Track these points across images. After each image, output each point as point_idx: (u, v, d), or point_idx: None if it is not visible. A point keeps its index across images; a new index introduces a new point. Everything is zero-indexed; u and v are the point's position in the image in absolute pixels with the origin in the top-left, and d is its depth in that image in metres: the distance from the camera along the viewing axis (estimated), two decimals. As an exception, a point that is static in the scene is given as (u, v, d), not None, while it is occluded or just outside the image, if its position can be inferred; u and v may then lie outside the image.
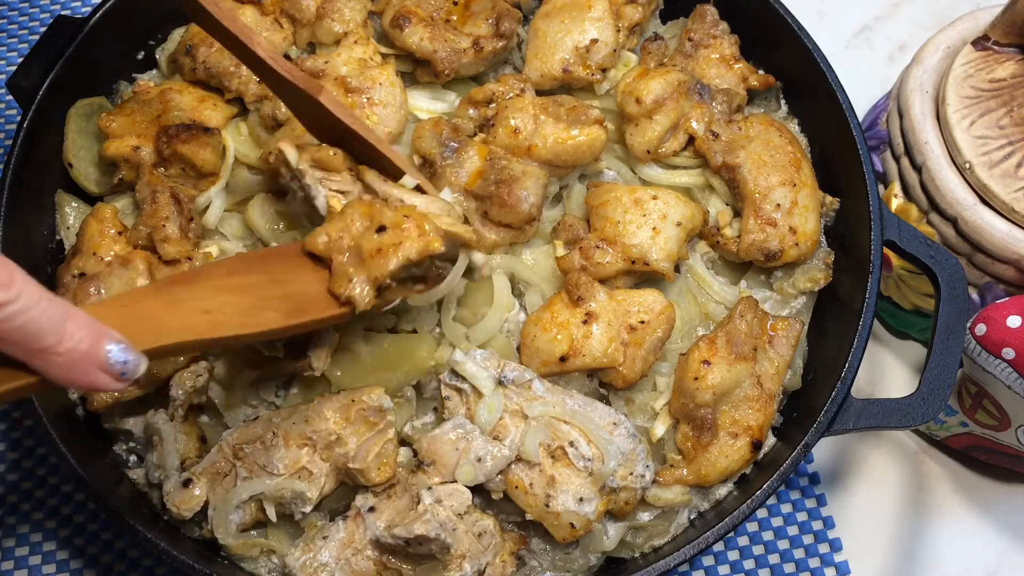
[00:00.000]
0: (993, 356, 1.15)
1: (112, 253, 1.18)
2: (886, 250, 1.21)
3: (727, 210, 1.27)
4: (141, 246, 1.19)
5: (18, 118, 1.31)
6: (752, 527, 1.36)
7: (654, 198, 1.19)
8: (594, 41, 1.29)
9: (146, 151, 1.22)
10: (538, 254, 1.22)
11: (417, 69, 1.31)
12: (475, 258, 1.09)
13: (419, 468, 1.09)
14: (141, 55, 1.39)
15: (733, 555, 1.34)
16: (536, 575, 1.13)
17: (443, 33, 1.28)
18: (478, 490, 1.09)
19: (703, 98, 1.28)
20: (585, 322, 1.12)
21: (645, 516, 1.15)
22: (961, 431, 1.34)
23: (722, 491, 1.17)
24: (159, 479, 1.11)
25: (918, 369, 1.48)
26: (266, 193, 1.25)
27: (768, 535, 1.35)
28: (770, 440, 1.19)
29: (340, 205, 1.04)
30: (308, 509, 1.08)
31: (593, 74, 1.29)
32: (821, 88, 1.28)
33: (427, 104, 1.31)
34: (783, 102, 1.39)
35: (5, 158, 1.25)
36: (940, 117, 1.32)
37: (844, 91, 1.27)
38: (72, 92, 1.29)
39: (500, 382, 1.10)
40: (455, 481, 1.07)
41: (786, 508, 1.37)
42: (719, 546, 1.34)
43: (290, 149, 1.09)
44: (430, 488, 1.06)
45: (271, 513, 1.09)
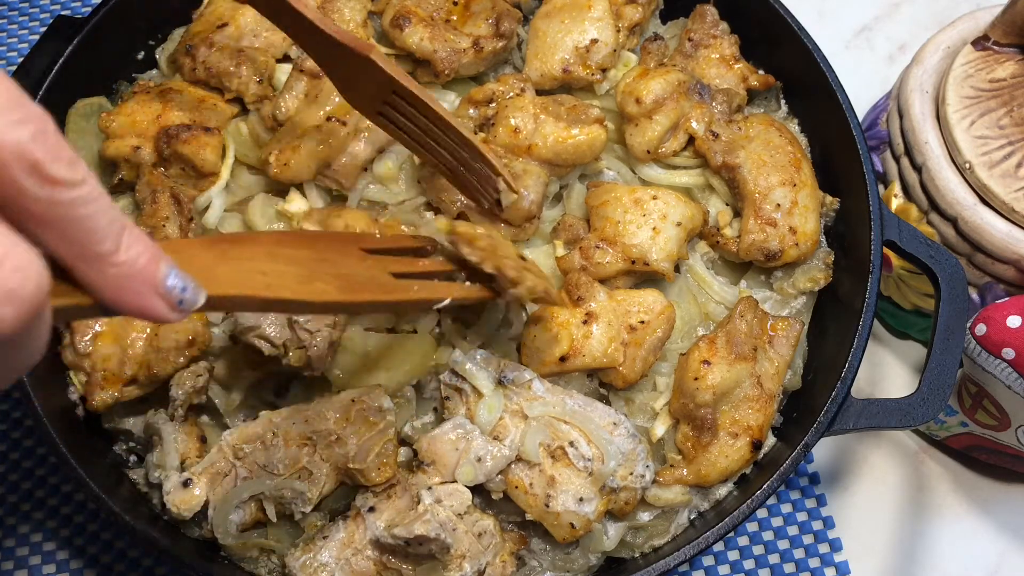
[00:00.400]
0: (993, 356, 1.14)
1: (112, 253, 1.18)
2: (886, 250, 1.21)
3: (727, 210, 1.27)
4: (141, 246, 1.19)
5: (18, 118, 1.31)
6: (752, 527, 1.36)
7: (654, 198, 1.19)
8: (594, 41, 1.29)
9: (146, 151, 1.22)
10: (538, 254, 1.22)
11: (417, 69, 1.31)
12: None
13: (419, 468, 1.09)
14: (141, 55, 1.39)
15: (733, 555, 1.34)
16: (536, 575, 1.13)
17: (443, 33, 1.28)
18: (478, 490, 1.09)
19: (703, 98, 1.28)
20: (585, 322, 1.12)
21: (645, 516, 1.15)
22: (961, 431, 1.34)
23: (722, 491, 1.17)
24: (159, 479, 1.11)
25: (918, 369, 1.48)
26: (266, 193, 1.25)
27: (768, 535, 1.35)
28: (770, 440, 1.19)
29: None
30: (308, 509, 1.08)
31: (593, 74, 1.29)
32: (821, 88, 1.28)
33: (427, 104, 1.31)
34: (783, 102, 1.39)
35: (5, 158, 1.25)
36: (940, 117, 1.32)
37: (844, 91, 1.27)
38: (72, 92, 1.29)
39: (500, 382, 1.10)
40: (455, 481, 1.07)
41: (786, 508, 1.37)
42: (719, 546, 1.34)
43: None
44: (430, 488, 1.06)
45: (271, 513, 1.09)
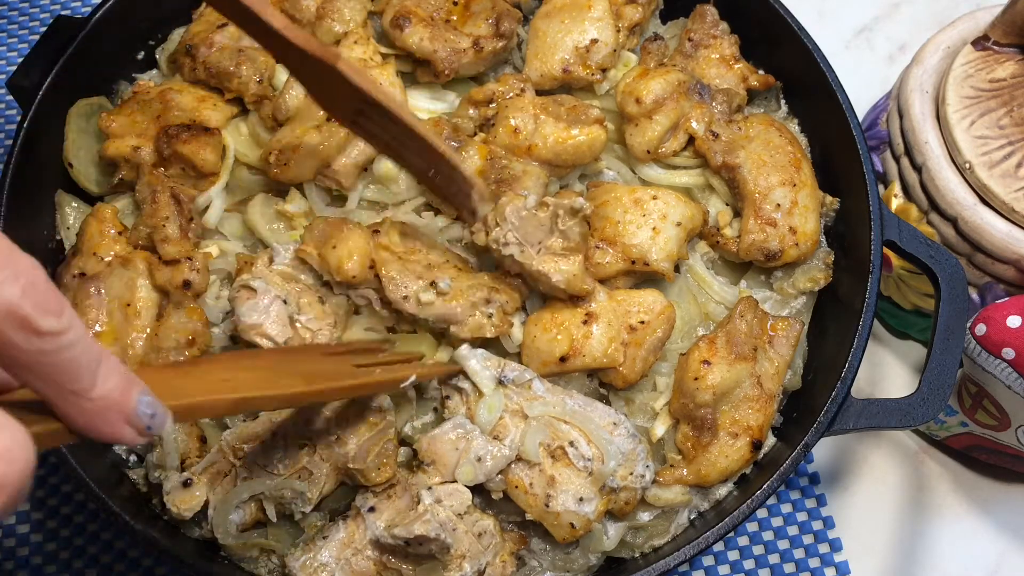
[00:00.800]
0: (993, 356, 1.14)
1: (112, 253, 1.18)
2: (886, 250, 1.21)
3: (727, 210, 1.27)
4: (141, 246, 1.19)
5: (18, 118, 1.31)
6: (752, 527, 1.36)
7: (654, 198, 1.19)
8: (594, 41, 1.29)
9: (146, 151, 1.22)
10: (538, 254, 1.22)
11: (417, 69, 1.31)
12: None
13: (419, 468, 1.09)
14: (141, 55, 1.39)
15: (733, 555, 1.34)
16: (536, 575, 1.13)
17: (443, 33, 1.28)
18: (478, 490, 1.09)
19: (703, 98, 1.28)
20: (585, 322, 1.12)
21: (645, 516, 1.15)
22: (961, 431, 1.34)
23: (722, 491, 1.17)
24: (159, 479, 1.11)
25: (918, 369, 1.48)
26: (266, 193, 1.25)
27: (768, 535, 1.35)
28: (770, 440, 1.19)
29: None
30: (308, 509, 1.08)
31: (593, 74, 1.29)
32: (821, 88, 1.28)
33: (427, 104, 1.31)
34: (783, 102, 1.39)
35: (5, 158, 1.25)
36: (940, 117, 1.32)
37: (844, 91, 1.27)
38: (72, 92, 1.29)
39: (500, 382, 1.10)
40: (455, 481, 1.07)
41: (786, 508, 1.37)
42: (719, 546, 1.34)
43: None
44: (430, 488, 1.06)
45: (271, 513, 1.09)
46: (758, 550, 1.34)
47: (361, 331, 1.14)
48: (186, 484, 1.08)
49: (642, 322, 1.14)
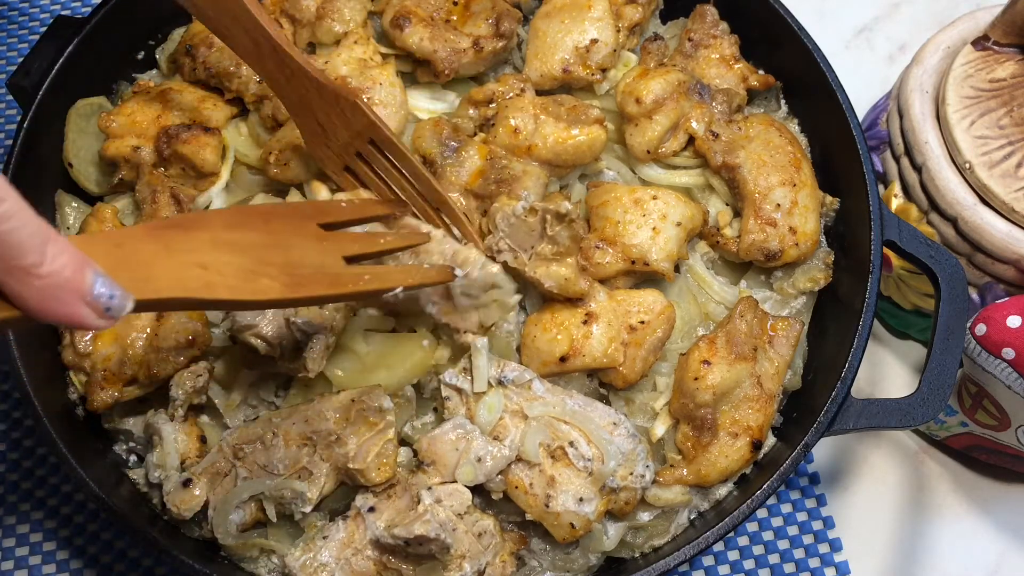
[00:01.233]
0: (993, 356, 1.14)
1: (112, 253, 1.18)
2: (886, 250, 1.21)
3: (727, 210, 1.27)
4: (141, 246, 1.19)
5: (18, 118, 1.31)
6: (752, 527, 1.36)
7: (654, 198, 1.19)
8: (594, 41, 1.29)
9: (146, 151, 1.22)
10: (538, 254, 1.22)
11: (417, 69, 1.31)
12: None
13: (419, 468, 1.09)
14: (141, 55, 1.39)
15: (733, 555, 1.34)
16: (536, 575, 1.13)
17: (443, 33, 1.28)
18: (478, 490, 1.09)
19: (703, 98, 1.28)
20: (585, 322, 1.12)
21: (645, 516, 1.15)
22: (961, 431, 1.34)
23: (722, 491, 1.17)
24: (159, 479, 1.11)
25: (918, 369, 1.48)
26: (266, 194, 1.25)
27: (768, 535, 1.35)
28: (770, 440, 1.19)
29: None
30: (308, 509, 1.08)
31: (593, 74, 1.29)
32: (821, 88, 1.28)
33: (427, 104, 1.31)
34: (783, 102, 1.39)
35: (5, 158, 1.25)
36: (940, 117, 1.32)
37: (844, 91, 1.27)
38: (72, 92, 1.29)
39: (500, 382, 1.10)
40: (455, 481, 1.07)
41: (786, 508, 1.37)
42: (719, 546, 1.34)
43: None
44: (430, 488, 1.06)
45: (271, 513, 1.09)
46: (758, 550, 1.34)
47: (361, 331, 1.14)
48: (186, 484, 1.08)
49: (642, 322, 1.14)
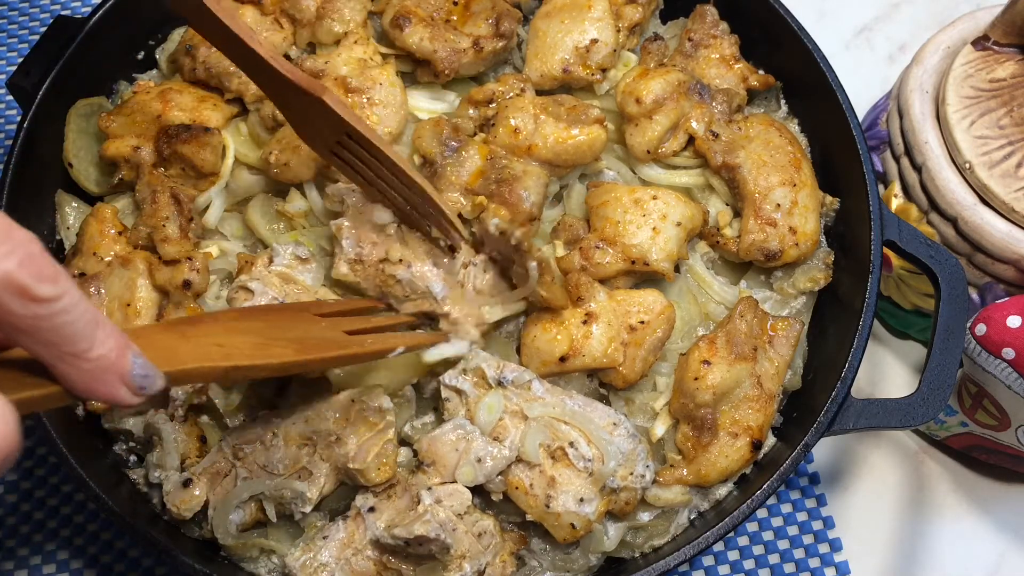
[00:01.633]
0: (993, 356, 1.14)
1: (112, 253, 1.19)
2: (886, 250, 1.21)
3: (727, 210, 1.27)
4: (141, 246, 1.20)
5: (18, 118, 1.31)
6: (752, 527, 1.36)
7: (654, 198, 1.19)
8: (594, 41, 1.29)
9: (146, 151, 1.22)
10: (538, 254, 1.22)
11: (417, 69, 1.31)
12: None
13: (419, 468, 1.09)
14: (141, 55, 1.39)
15: (733, 555, 1.34)
16: (536, 575, 1.13)
17: (443, 33, 1.28)
18: (478, 490, 1.09)
19: (703, 98, 1.28)
20: (585, 322, 1.12)
21: (645, 516, 1.15)
22: (961, 431, 1.34)
23: (722, 491, 1.17)
24: (159, 479, 1.11)
25: (918, 369, 1.48)
26: (266, 193, 1.25)
27: (768, 535, 1.35)
28: (770, 440, 1.19)
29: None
30: (308, 509, 1.08)
31: (593, 74, 1.29)
32: (821, 88, 1.28)
33: (427, 104, 1.31)
34: (783, 102, 1.39)
35: (5, 158, 1.25)
36: (940, 117, 1.32)
37: (844, 91, 1.27)
38: (72, 92, 1.29)
39: (500, 383, 1.10)
40: (455, 481, 1.07)
41: (786, 508, 1.37)
42: (719, 546, 1.34)
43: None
44: (430, 488, 1.06)
45: (271, 513, 1.09)
46: (758, 550, 1.34)
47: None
48: (186, 484, 1.08)
49: (642, 322, 1.14)
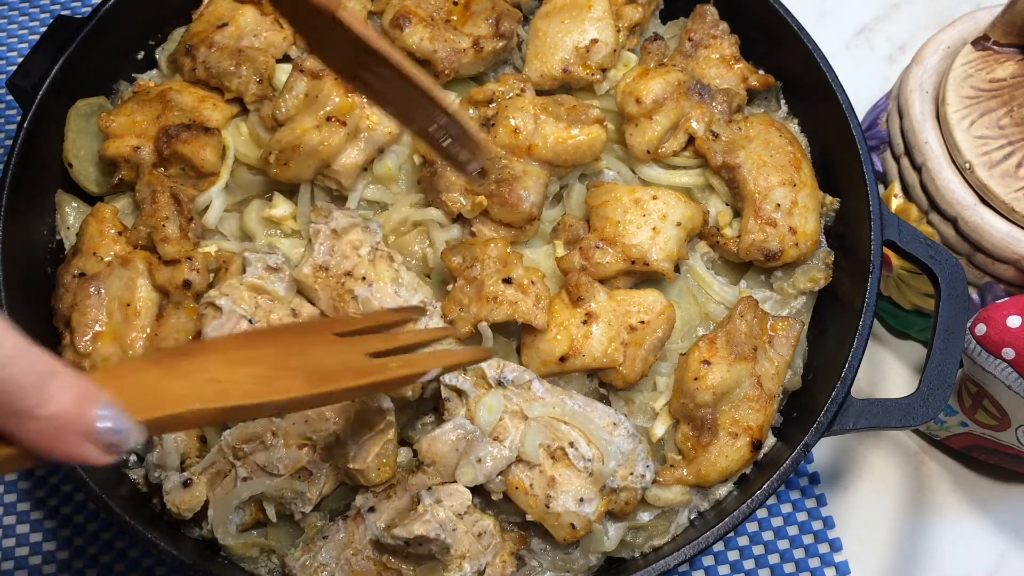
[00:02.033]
0: (993, 356, 1.14)
1: (112, 253, 1.18)
2: (886, 250, 1.21)
3: (727, 210, 1.27)
4: (141, 246, 1.19)
5: (18, 118, 1.31)
6: (752, 527, 1.36)
7: (654, 198, 1.19)
8: (594, 41, 1.29)
9: (146, 151, 1.22)
10: (538, 254, 1.22)
11: (417, 69, 1.31)
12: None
13: (419, 468, 1.09)
14: (141, 55, 1.39)
15: (733, 555, 1.34)
16: (536, 575, 1.13)
17: (443, 33, 1.28)
18: (478, 490, 1.09)
19: (703, 98, 1.28)
20: (585, 322, 1.12)
21: (645, 516, 1.15)
22: (961, 431, 1.34)
23: (722, 491, 1.17)
24: (159, 479, 1.11)
25: (918, 369, 1.48)
26: (260, 199, 1.25)
27: (768, 535, 1.35)
28: (770, 440, 1.19)
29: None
30: (308, 509, 1.08)
31: (593, 74, 1.29)
32: (821, 88, 1.28)
33: (427, 104, 1.31)
34: (783, 102, 1.39)
35: (5, 158, 1.25)
36: (940, 117, 1.32)
37: (844, 91, 1.27)
38: (72, 92, 1.29)
39: (500, 383, 1.10)
40: (455, 481, 1.07)
41: (786, 508, 1.37)
42: (719, 546, 1.34)
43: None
44: (430, 488, 1.06)
45: (271, 513, 1.09)
46: (758, 550, 1.34)
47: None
48: (186, 484, 1.08)
49: (642, 322, 1.14)
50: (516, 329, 1.17)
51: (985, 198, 1.26)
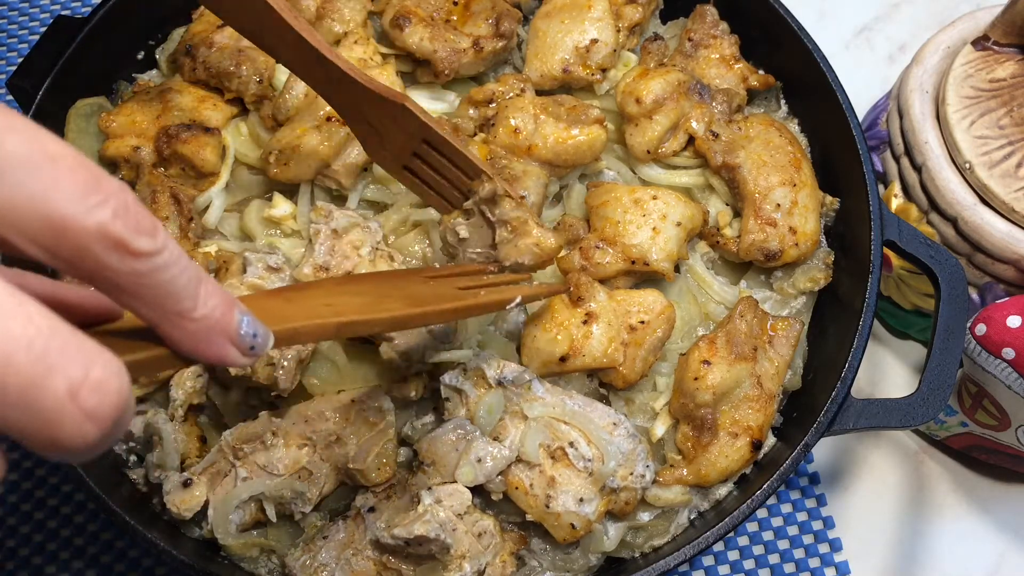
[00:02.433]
0: (993, 356, 1.14)
1: (112, 253, 1.18)
2: (886, 250, 1.21)
3: (727, 210, 1.27)
4: (141, 246, 1.19)
5: (18, 118, 1.31)
6: (752, 527, 1.36)
7: (654, 198, 1.19)
8: (594, 41, 1.29)
9: (146, 151, 1.22)
10: (538, 254, 1.22)
11: (417, 69, 1.31)
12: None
13: (419, 468, 1.09)
14: (141, 55, 1.39)
15: (733, 555, 1.34)
16: (536, 575, 1.13)
17: (443, 33, 1.28)
18: (478, 490, 1.09)
19: (703, 98, 1.28)
20: (585, 322, 1.12)
21: (645, 516, 1.15)
22: (961, 431, 1.34)
23: (722, 491, 1.17)
24: (159, 479, 1.11)
25: (918, 369, 1.48)
26: (260, 199, 1.25)
27: (768, 535, 1.35)
28: (770, 440, 1.19)
29: None
30: (308, 509, 1.08)
31: (593, 74, 1.29)
32: (821, 88, 1.28)
33: (427, 104, 1.31)
34: (783, 102, 1.39)
35: (5, 158, 1.25)
36: (940, 117, 1.32)
37: (844, 91, 1.27)
38: (72, 92, 1.29)
39: (500, 383, 1.10)
40: (455, 481, 1.07)
41: (786, 508, 1.37)
42: (719, 546, 1.34)
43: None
44: (430, 488, 1.06)
45: (271, 513, 1.09)
46: (758, 550, 1.34)
47: (339, 341, 1.13)
48: (186, 484, 1.08)
49: (642, 322, 1.14)
50: (516, 329, 1.17)
51: (985, 198, 1.26)
